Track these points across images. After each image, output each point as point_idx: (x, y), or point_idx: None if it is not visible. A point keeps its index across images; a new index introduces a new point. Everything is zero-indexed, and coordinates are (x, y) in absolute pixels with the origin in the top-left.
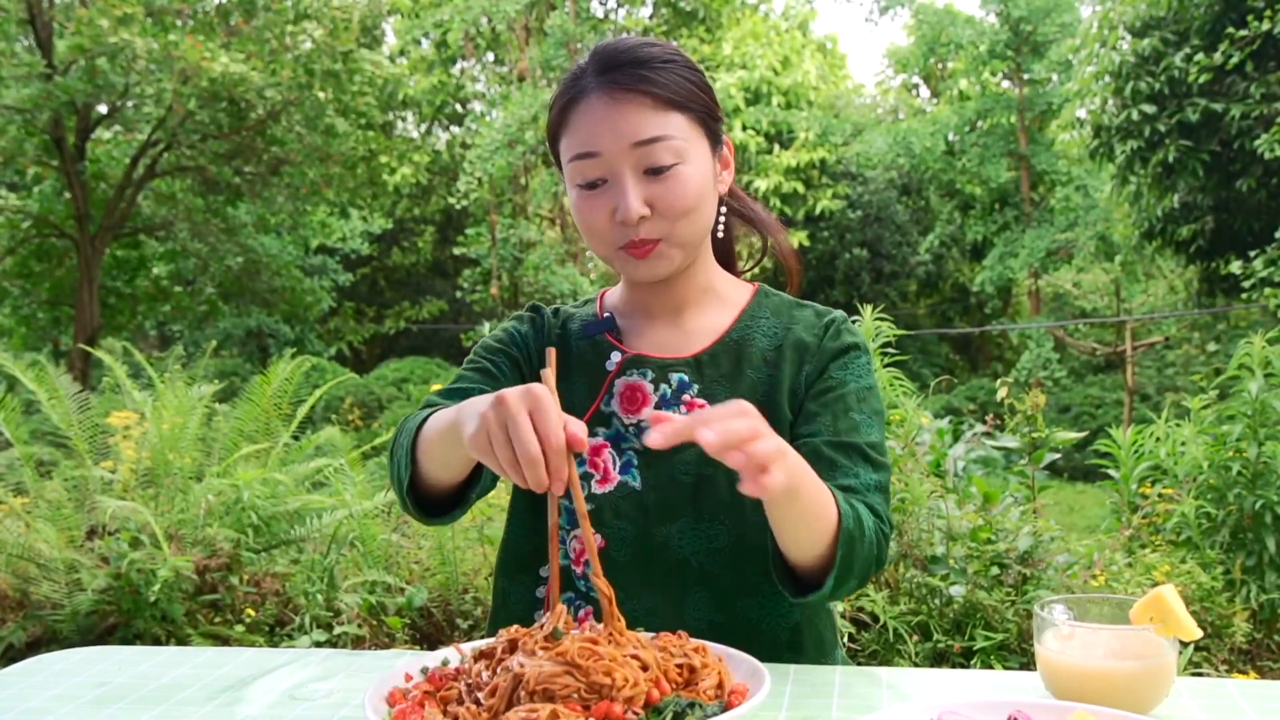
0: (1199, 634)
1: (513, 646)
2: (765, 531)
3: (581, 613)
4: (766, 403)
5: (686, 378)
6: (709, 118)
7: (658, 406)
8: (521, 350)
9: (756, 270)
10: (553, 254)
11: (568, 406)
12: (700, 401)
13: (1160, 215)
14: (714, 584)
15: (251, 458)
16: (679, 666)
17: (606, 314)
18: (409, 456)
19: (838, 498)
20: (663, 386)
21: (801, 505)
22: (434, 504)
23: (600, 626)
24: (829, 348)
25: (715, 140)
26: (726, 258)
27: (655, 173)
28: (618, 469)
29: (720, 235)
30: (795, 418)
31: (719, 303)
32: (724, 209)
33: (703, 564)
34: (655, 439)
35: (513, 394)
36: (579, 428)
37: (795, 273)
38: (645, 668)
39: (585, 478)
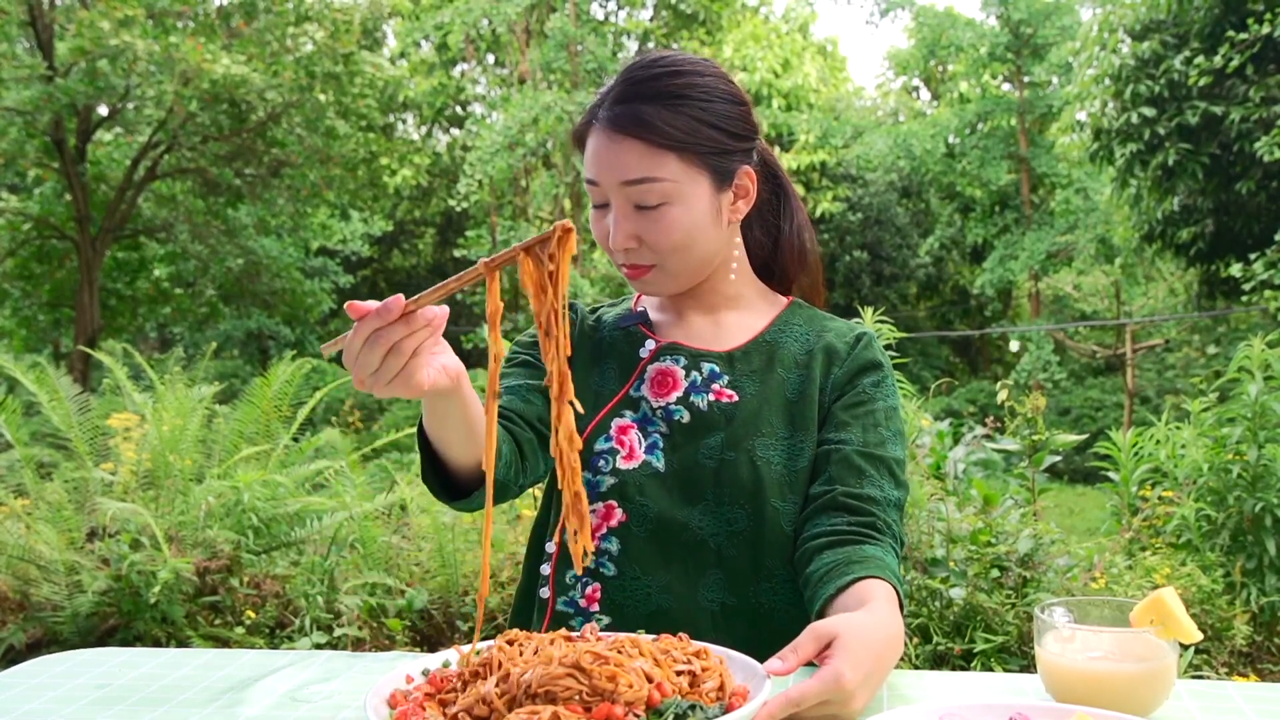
0: (1199, 637)
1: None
2: (784, 519)
3: (590, 589)
4: (798, 400)
5: (718, 369)
6: (715, 154)
7: (687, 392)
8: None
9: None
10: None
11: (599, 390)
12: (729, 392)
13: (1160, 218)
14: (730, 566)
15: (252, 460)
16: (680, 673)
17: (641, 309)
18: (420, 441)
19: (888, 580)
20: (694, 374)
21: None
22: (459, 486)
23: (608, 636)
24: (858, 357)
25: (723, 175)
26: (782, 273)
27: (645, 208)
28: (643, 449)
29: (765, 254)
30: (822, 417)
31: (751, 309)
32: (759, 227)
33: (720, 546)
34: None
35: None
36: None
37: (820, 286)
38: (650, 679)
39: (610, 453)
